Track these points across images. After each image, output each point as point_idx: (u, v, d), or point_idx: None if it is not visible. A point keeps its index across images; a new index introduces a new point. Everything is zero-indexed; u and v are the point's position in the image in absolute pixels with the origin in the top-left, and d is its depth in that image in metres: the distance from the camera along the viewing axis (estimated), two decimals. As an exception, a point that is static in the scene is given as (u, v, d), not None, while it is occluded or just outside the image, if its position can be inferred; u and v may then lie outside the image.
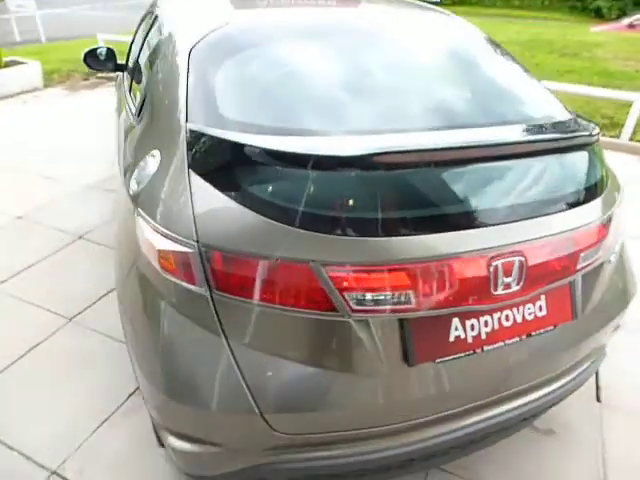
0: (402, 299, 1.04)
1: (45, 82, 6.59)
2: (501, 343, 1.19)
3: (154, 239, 1.12)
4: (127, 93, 2.17)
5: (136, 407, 1.90)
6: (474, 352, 1.16)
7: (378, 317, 1.05)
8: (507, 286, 1.13)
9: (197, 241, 1.05)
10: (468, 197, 1.08)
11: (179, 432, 1.19)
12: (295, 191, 1.01)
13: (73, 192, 3.64)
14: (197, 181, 1.12)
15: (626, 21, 12.82)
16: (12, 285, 2.60)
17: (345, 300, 1.02)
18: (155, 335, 1.15)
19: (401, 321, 1.09)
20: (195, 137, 1.17)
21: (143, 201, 1.22)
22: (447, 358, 1.14)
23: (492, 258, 1.09)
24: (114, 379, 2.03)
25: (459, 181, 1.08)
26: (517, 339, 1.21)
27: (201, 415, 1.11)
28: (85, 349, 2.18)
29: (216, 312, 1.06)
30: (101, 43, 7.16)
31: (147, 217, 1.16)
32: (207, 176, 1.11)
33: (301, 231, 1.00)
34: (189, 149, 1.17)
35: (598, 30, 12.15)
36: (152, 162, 1.28)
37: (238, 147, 1.06)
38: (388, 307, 1.04)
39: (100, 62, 2.81)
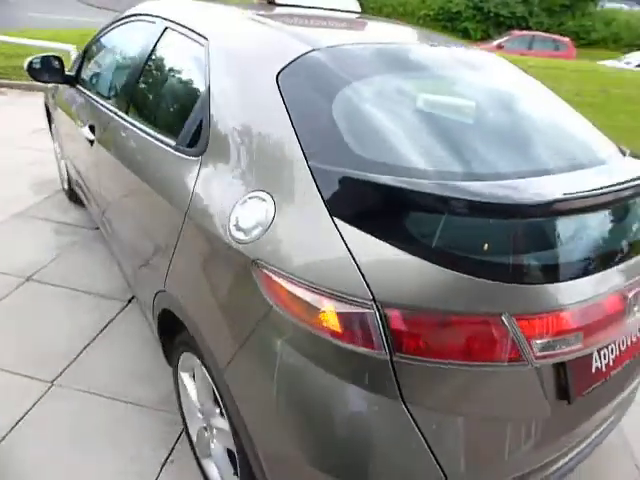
0: (574, 340, 1.04)
1: None
2: (620, 367, 1.25)
3: (313, 299, 0.97)
4: (121, 114, 1.87)
5: (176, 476, 1.65)
6: (606, 380, 1.21)
7: (552, 361, 1.04)
8: (633, 313, 1.19)
9: (373, 299, 0.94)
10: (615, 236, 1.13)
11: None
12: (488, 240, 0.95)
13: (-1, 223, 3.07)
14: (349, 230, 0.99)
15: (495, 42, 14.52)
16: (-41, 347, 2.10)
17: (531, 348, 0.99)
18: (306, 405, 1.02)
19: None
20: (332, 179, 1.05)
21: (267, 253, 1.06)
22: (589, 389, 1.17)
23: (628, 290, 1.14)
24: (136, 447, 1.73)
25: (609, 222, 1.12)
26: (628, 361, 1.28)
27: None
28: (84, 417, 1.83)
29: (395, 376, 0.96)
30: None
31: (288, 273, 1.01)
32: (363, 224, 0.99)
33: (491, 282, 0.95)
34: (324, 193, 1.04)
35: (474, 49, 13.52)
36: (262, 207, 1.12)
37: (411, 194, 0.97)
38: (564, 349, 1.03)
39: (47, 73, 2.44)
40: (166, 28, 1.77)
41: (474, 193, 0.95)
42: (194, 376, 1.55)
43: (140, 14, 2.05)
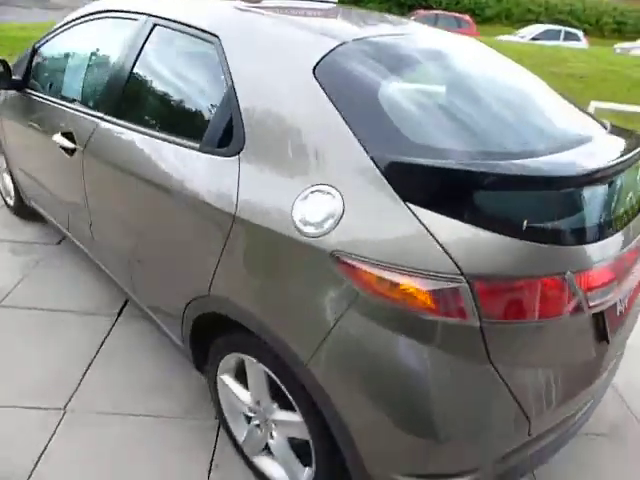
0: (612, 289, 1.20)
1: None
2: (630, 310, 1.45)
3: (402, 280, 1.03)
4: (111, 118, 1.76)
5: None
6: (622, 322, 1.40)
7: (599, 309, 1.19)
8: None
9: (462, 273, 1.02)
10: (629, 197, 1.31)
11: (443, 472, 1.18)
12: (550, 211, 1.07)
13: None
14: (423, 213, 1.06)
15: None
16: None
17: (586, 300, 1.13)
18: (402, 376, 1.10)
19: None
20: (396, 167, 1.10)
21: (346, 243, 1.09)
22: (616, 331, 1.35)
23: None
24: (174, 460, 1.69)
25: (625, 185, 1.28)
26: (632, 304, 1.49)
27: (473, 446, 1.11)
28: (107, 438, 1.75)
29: (484, 339, 1.06)
30: None
31: (373, 259, 1.06)
32: (435, 206, 1.06)
33: (556, 247, 1.07)
34: (391, 180, 1.10)
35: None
36: (328, 200, 1.14)
37: (481, 175, 1.05)
38: (607, 297, 1.18)
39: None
40: (155, 25, 1.69)
41: (539, 169, 1.07)
42: (238, 377, 1.55)
43: (112, 10, 1.92)
